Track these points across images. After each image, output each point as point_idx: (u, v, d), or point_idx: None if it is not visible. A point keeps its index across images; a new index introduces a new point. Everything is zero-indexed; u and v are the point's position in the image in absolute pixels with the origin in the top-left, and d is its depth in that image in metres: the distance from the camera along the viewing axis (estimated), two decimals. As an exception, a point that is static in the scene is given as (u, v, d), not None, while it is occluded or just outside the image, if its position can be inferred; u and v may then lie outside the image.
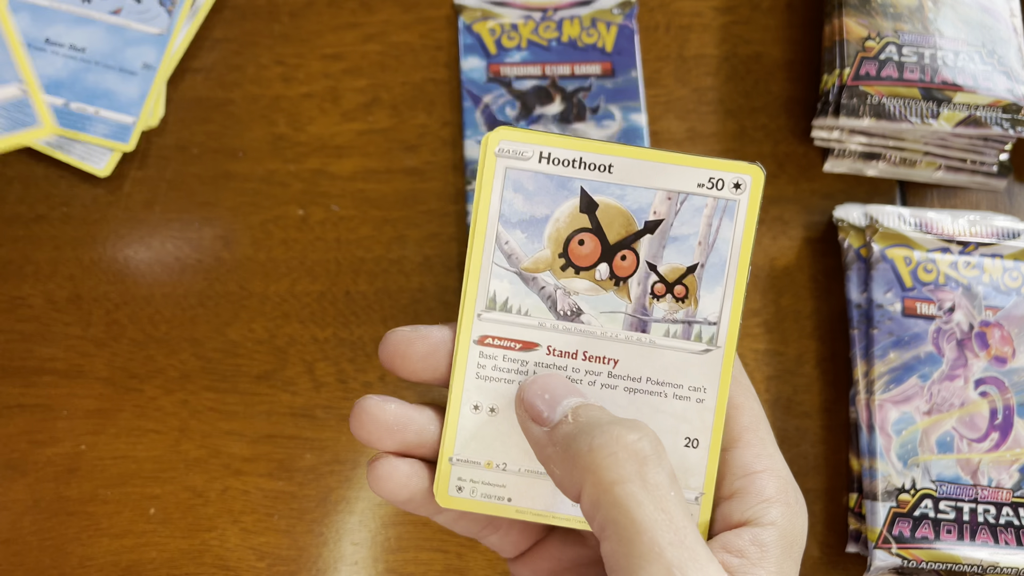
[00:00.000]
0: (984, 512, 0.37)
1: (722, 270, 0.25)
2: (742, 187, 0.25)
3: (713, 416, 0.25)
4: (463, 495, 0.26)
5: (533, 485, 0.26)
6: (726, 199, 0.25)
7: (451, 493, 0.26)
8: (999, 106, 0.41)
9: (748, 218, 0.25)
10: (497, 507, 0.26)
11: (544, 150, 0.25)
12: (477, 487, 0.26)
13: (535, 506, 0.26)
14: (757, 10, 0.47)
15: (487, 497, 0.26)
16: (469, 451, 0.26)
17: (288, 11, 0.47)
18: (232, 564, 0.39)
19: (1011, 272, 0.40)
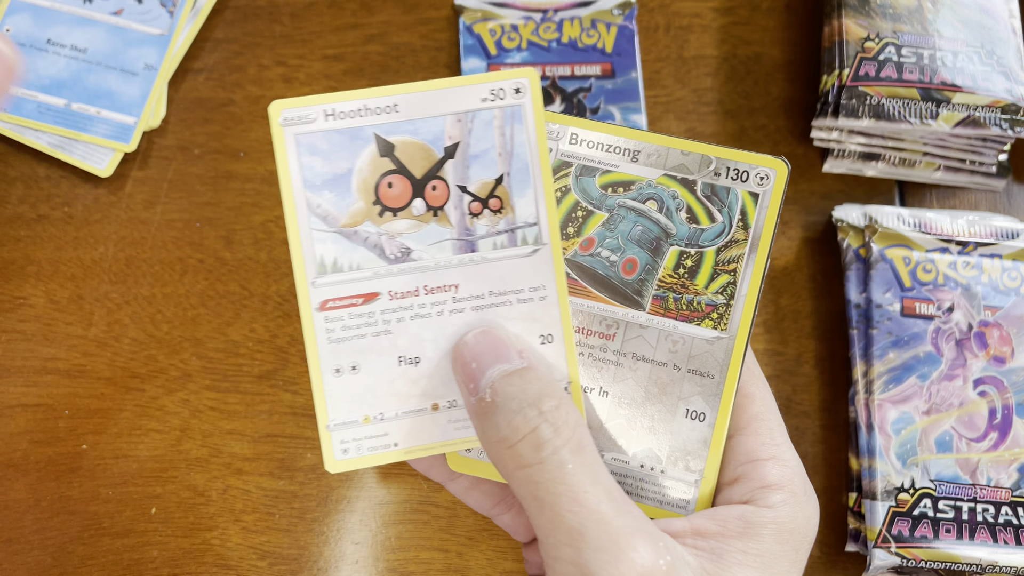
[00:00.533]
0: (983, 511, 0.37)
1: (527, 172, 0.25)
2: (522, 91, 0.25)
3: (559, 311, 0.25)
4: (350, 456, 0.26)
5: (415, 424, 0.26)
6: (511, 105, 0.25)
7: (338, 458, 0.26)
8: (998, 106, 0.41)
9: (536, 118, 0.25)
10: (385, 455, 0.26)
11: (327, 108, 0.25)
12: (362, 443, 0.26)
13: (422, 441, 0.26)
14: (756, 11, 0.48)
15: (373, 449, 0.26)
16: (343, 413, 0.26)
17: (289, 12, 0.47)
18: (233, 563, 0.39)
19: (1010, 272, 0.40)
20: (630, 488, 0.26)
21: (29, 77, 0.45)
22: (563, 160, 0.27)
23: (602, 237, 0.26)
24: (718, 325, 0.26)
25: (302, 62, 0.46)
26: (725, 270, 0.26)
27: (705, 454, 0.26)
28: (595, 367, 0.26)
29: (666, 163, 0.26)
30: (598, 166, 0.26)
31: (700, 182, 0.26)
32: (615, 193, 0.26)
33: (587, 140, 0.26)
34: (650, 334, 0.26)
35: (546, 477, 0.22)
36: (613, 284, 0.26)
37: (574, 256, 0.26)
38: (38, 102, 0.45)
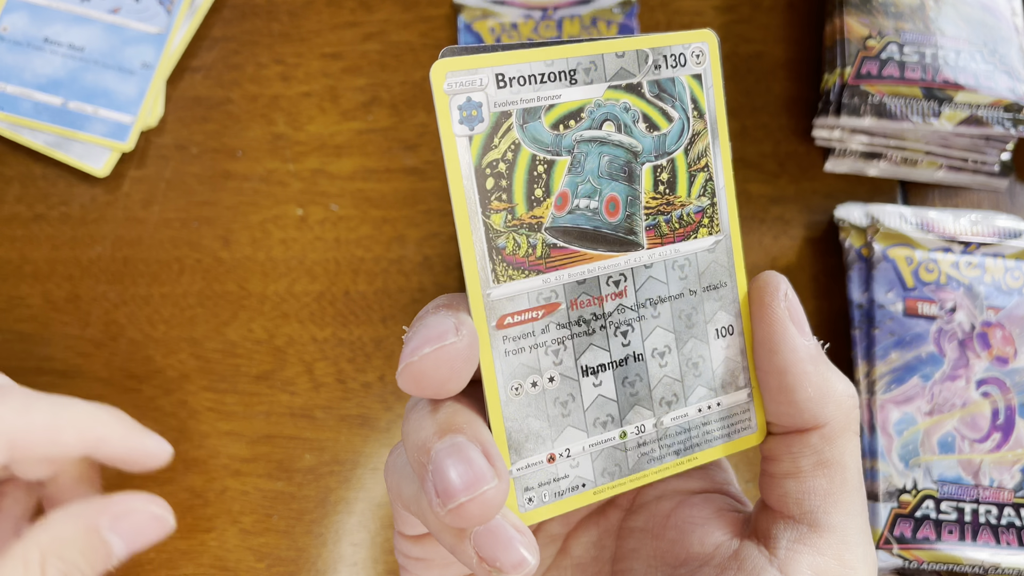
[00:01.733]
0: (986, 513, 0.37)
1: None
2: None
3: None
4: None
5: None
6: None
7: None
8: (1000, 105, 0.41)
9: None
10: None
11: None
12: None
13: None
14: (758, 9, 0.47)
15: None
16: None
17: (287, 10, 0.47)
18: (231, 565, 0.39)
19: (1013, 272, 0.40)
20: (697, 439, 0.24)
21: (26, 75, 0.45)
22: (500, 111, 0.22)
23: (573, 186, 0.23)
24: (711, 229, 0.24)
25: (300, 60, 0.46)
26: (699, 168, 0.23)
27: (746, 364, 0.24)
28: (620, 334, 0.23)
29: (605, 74, 0.23)
30: (539, 103, 0.23)
31: (645, 83, 0.23)
32: (567, 129, 0.23)
33: (516, 77, 0.22)
34: (657, 270, 0.23)
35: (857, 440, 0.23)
36: (603, 234, 0.23)
37: (552, 222, 0.22)
38: (35, 101, 0.44)
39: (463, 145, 0.22)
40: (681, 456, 0.24)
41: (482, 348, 0.22)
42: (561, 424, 0.23)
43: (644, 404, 0.23)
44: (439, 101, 0.21)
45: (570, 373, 0.23)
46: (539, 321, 0.22)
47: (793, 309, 0.23)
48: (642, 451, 0.23)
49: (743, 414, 0.24)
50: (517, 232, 0.22)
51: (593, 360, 0.23)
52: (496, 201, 0.22)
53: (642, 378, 0.23)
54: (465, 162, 0.22)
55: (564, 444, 0.23)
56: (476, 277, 0.22)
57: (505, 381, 0.22)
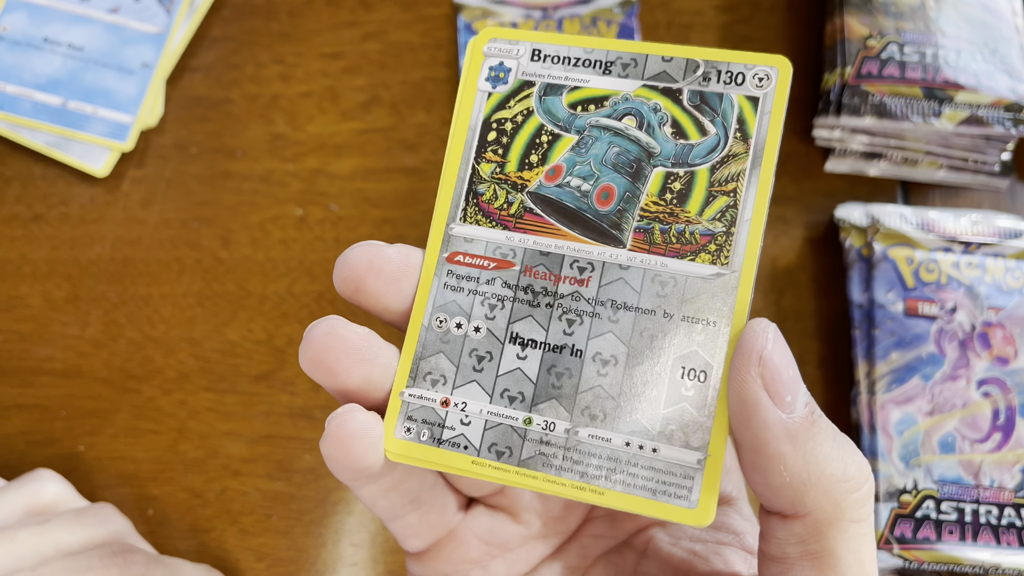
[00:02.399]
0: (986, 513, 0.37)
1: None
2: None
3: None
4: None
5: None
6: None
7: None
8: (1001, 105, 0.41)
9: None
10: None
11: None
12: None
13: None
14: (758, 9, 0.47)
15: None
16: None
17: (287, 10, 0.47)
18: (231, 565, 0.38)
19: (1013, 272, 0.40)
20: (611, 474, 0.21)
21: (25, 75, 0.45)
22: (524, 80, 0.22)
23: (571, 163, 0.22)
24: (717, 259, 0.21)
25: (300, 60, 0.46)
26: (722, 191, 0.21)
27: (710, 425, 0.20)
28: (565, 320, 0.21)
29: (644, 72, 0.22)
30: (564, 83, 0.22)
31: (686, 90, 0.22)
32: (585, 112, 0.22)
33: (551, 55, 0.22)
34: (633, 275, 0.21)
35: (869, 528, 0.19)
36: (585, 218, 0.22)
37: (538, 188, 0.22)
38: (34, 100, 0.44)
39: (480, 98, 0.23)
40: (585, 481, 0.21)
41: (425, 271, 0.22)
42: (468, 375, 0.22)
43: (564, 403, 0.21)
44: (472, 58, 0.22)
45: (498, 333, 0.22)
46: (487, 271, 0.22)
47: (770, 374, 0.19)
48: (542, 449, 0.21)
49: (683, 479, 0.20)
50: (499, 185, 0.22)
51: (526, 331, 0.22)
52: (491, 152, 0.22)
53: (572, 375, 0.21)
54: (476, 112, 0.22)
55: (463, 396, 0.22)
56: (446, 210, 0.22)
57: (434, 310, 0.22)
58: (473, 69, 0.23)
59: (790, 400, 0.19)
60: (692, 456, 0.20)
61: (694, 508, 0.20)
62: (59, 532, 0.31)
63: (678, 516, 0.20)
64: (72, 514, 0.32)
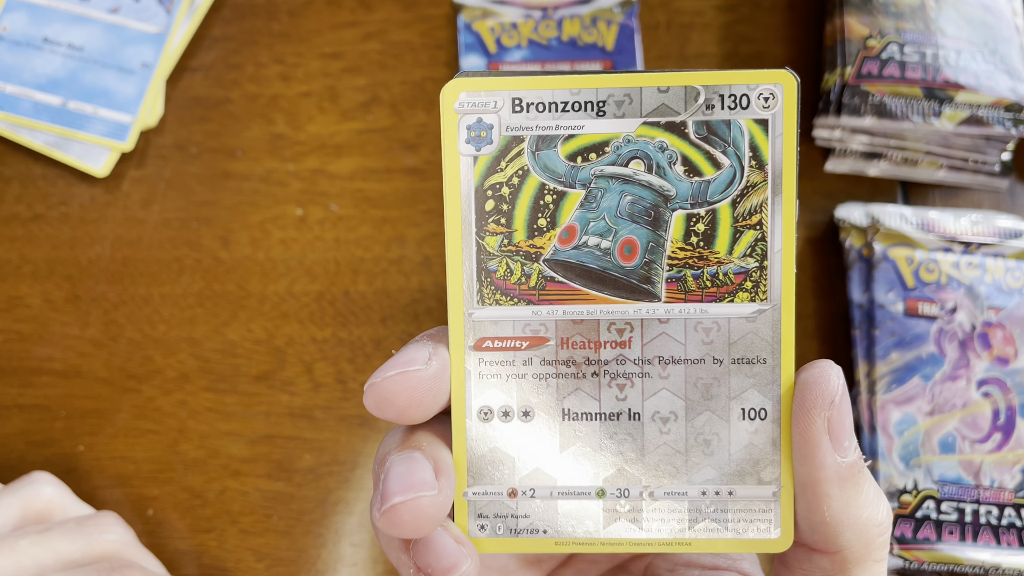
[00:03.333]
0: (986, 513, 0.37)
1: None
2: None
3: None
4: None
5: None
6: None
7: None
8: (1001, 105, 0.41)
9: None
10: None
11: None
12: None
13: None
14: (758, 9, 0.47)
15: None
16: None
17: (287, 10, 0.47)
18: (231, 565, 0.38)
19: (1013, 272, 0.40)
20: (698, 525, 0.21)
21: (25, 75, 0.45)
22: (511, 136, 0.21)
23: (584, 221, 0.21)
24: (755, 296, 0.21)
25: (300, 60, 0.46)
26: (748, 225, 0.21)
27: (778, 458, 0.21)
28: (615, 387, 0.21)
29: (642, 108, 0.20)
30: (557, 132, 0.21)
31: (691, 122, 0.21)
32: (587, 162, 0.21)
33: (535, 103, 0.20)
34: (674, 328, 0.21)
35: (884, 566, 0.21)
36: (612, 277, 0.21)
37: (554, 254, 0.21)
38: (34, 100, 0.44)
39: (466, 164, 0.21)
40: (670, 536, 0.21)
41: (455, 366, 0.21)
42: (530, 463, 0.21)
43: (633, 468, 0.21)
44: (446, 119, 0.20)
45: (549, 412, 0.21)
46: (522, 352, 0.21)
47: (836, 419, 0.20)
48: (621, 516, 0.21)
49: (762, 513, 0.21)
50: (511, 258, 0.21)
51: (578, 406, 0.21)
52: (493, 224, 0.21)
53: (635, 439, 0.21)
54: (466, 181, 0.21)
55: (530, 483, 0.21)
56: (460, 293, 0.21)
57: (475, 404, 0.21)
58: (450, 132, 0.20)
59: (847, 446, 0.20)
60: (767, 491, 0.21)
61: (777, 537, 0.21)
62: (59, 541, 0.31)
63: (763, 547, 0.21)
64: (73, 523, 0.32)
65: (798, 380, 0.20)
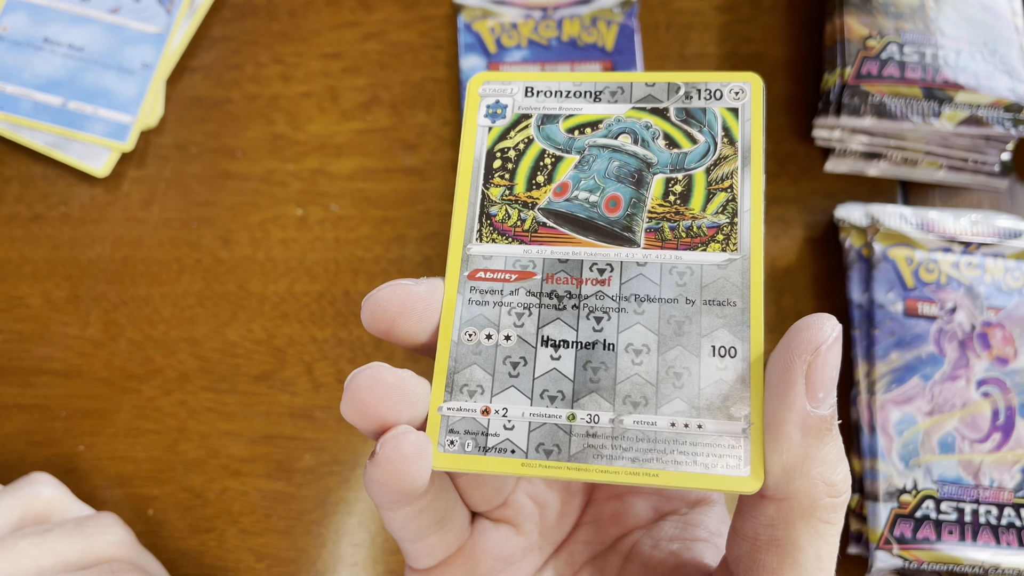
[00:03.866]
0: (986, 513, 0.37)
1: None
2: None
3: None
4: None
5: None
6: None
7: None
8: (1001, 105, 0.41)
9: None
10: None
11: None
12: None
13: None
14: (758, 9, 0.47)
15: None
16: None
17: (287, 10, 0.47)
18: (231, 565, 0.39)
19: (1013, 272, 0.40)
20: (662, 455, 0.21)
21: (25, 75, 0.45)
22: (521, 113, 0.24)
23: (576, 180, 0.24)
24: (726, 246, 0.23)
25: (300, 60, 0.46)
26: (720, 188, 0.23)
27: (747, 396, 0.21)
28: (593, 319, 0.23)
29: (632, 97, 0.24)
30: (559, 112, 0.24)
31: (672, 108, 0.24)
32: (583, 135, 0.24)
33: (543, 90, 0.25)
34: (651, 270, 0.23)
35: (834, 536, 0.21)
36: (598, 225, 0.23)
37: (548, 204, 0.24)
38: (34, 101, 0.44)
39: (482, 133, 0.24)
40: (637, 465, 0.21)
41: (448, 292, 0.23)
42: (506, 382, 0.22)
43: (604, 395, 0.22)
44: (470, 100, 0.24)
45: (529, 338, 0.23)
46: (510, 283, 0.23)
47: (816, 367, 0.20)
48: (590, 442, 0.22)
49: (731, 449, 0.21)
50: (511, 205, 0.24)
51: (556, 333, 0.23)
52: (498, 178, 0.24)
53: (608, 368, 0.22)
54: (480, 144, 0.24)
55: (503, 403, 0.22)
56: (461, 232, 0.24)
57: (461, 325, 0.23)
58: (471, 108, 0.24)
59: (821, 397, 0.20)
60: (736, 426, 0.21)
61: (747, 476, 0.21)
62: (59, 543, 0.31)
63: (734, 486, 0.21)
64: (73, 524, 0.32)
65: (793, 324, 0.21)
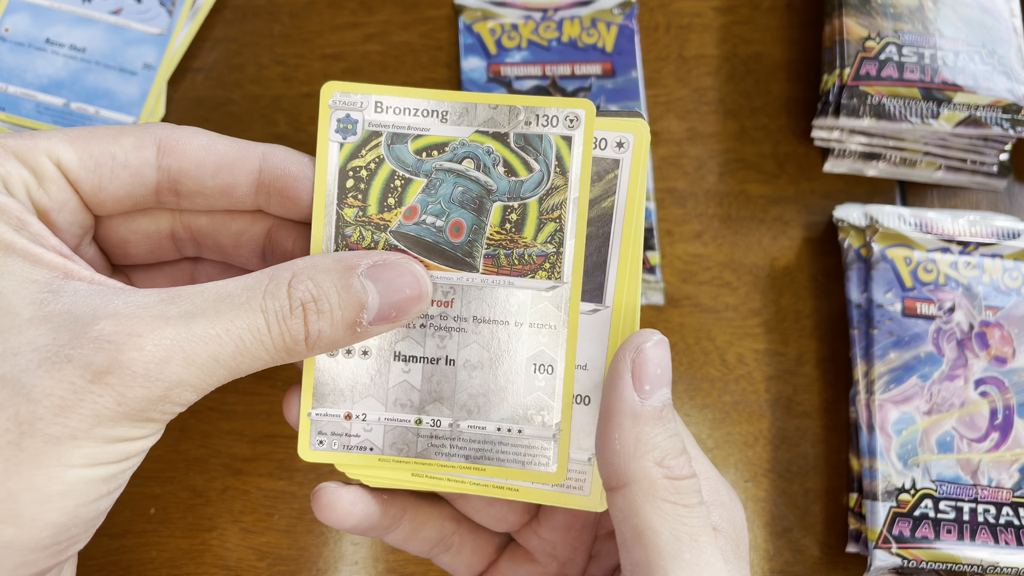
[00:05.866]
0: (984, 512, 0.37)
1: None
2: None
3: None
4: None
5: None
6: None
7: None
8: (999, 106, 0.41)
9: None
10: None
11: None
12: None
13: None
14: (757, 10, 0.47)
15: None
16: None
17: (288, 11, 0.47)
18: (232, 564, 0.39)
19: (1011, 272, 0.40)
20: (491, 454, 0.26)
21: (28, 76, 0.45)
22: (371, 131, 0.26)
23: (424, 204, 0.26)
24: (551, 274, 0.26)
25: (301, 61, 0.46)
26: (550, 218, 0.26)
27: (558, 406, 0.26)
28: (438, 337, 0.26)
29: (476, 120, 0.26)
30: (408, 131, 0.26)
31: (512, 134, 0.26)
32: (430, 157, 0.26)
33: (393, 107, 0.26)
34: (487, 294, 0.26)
35: (694, 518, 0.22)
36: (442, 249, 0.26)
37: (399, 227, 0.26)
38: (36, 102, 0.44)
39: (334, 149, 0.26)
40: (471, 462, 0.26)
41: None
42: (364, 391, 0.26)
43: (445, 403, 0.26)
44: (322, 112, 0.26)
45: (383, 354, 0.26)
46: None
47: (641, 364, 0.23)
48: (433, 442, 0.26)
49: (543, 449, 0.26)
50: (364, 227, 0.26)
51: (407, 350, 0.26)
52: (352, 198, 0.26)
53: (448, 381, 0.26)
54: (332, 162, 0.26)
55: (362, 408, 0.26)
56: (319, 251, 0.26)
57: None
58: (323, 122, 0.26)
59: (648, 389, 0.23)
60: (548, 432, 0.26)
61: (553, 472, 0.26)
62: None
63: (543, 478, 0.26)
64: None
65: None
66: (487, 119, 0.26)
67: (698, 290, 0.43)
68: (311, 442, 0.26)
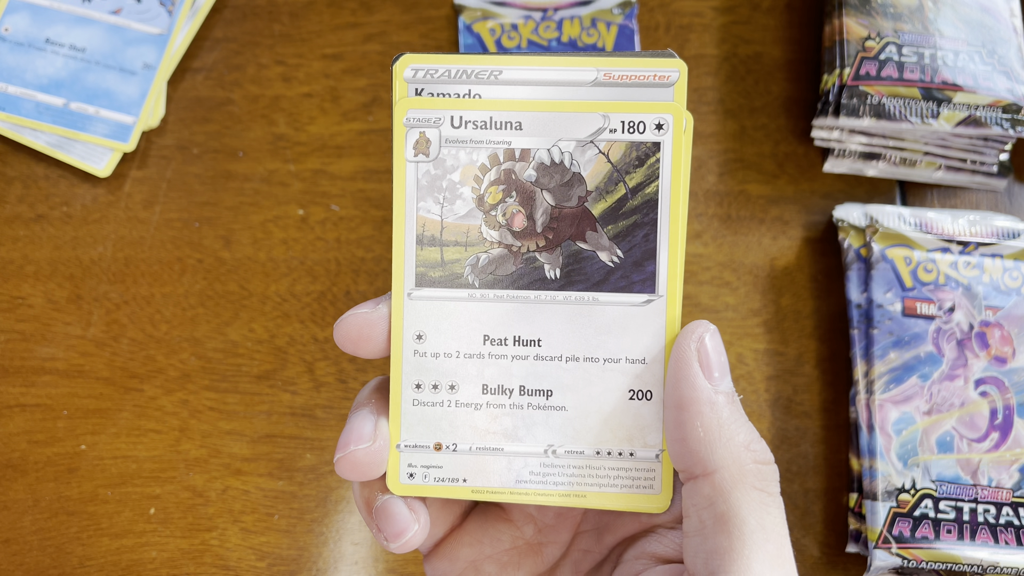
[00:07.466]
0: (984, 512, 0.37)
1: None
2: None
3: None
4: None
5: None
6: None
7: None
8: (999, 106, 0.41)
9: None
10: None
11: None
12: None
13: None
14: (757, 10, 0.47)
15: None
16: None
17: (288, 11, 0.47)
18: (232, 564, 0.39)
19: (1011, 272, 0.40)
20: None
21: (27, 76, 0.45)
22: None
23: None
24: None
25: (301, 61, 0.46)
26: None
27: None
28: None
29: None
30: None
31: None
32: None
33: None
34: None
35: (776, 508, 0.22)
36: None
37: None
38: (36, 101, 0.44)
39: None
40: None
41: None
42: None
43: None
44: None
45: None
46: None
47: (705, 353, 0.23)
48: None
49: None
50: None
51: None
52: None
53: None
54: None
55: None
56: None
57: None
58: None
59: (717, 376, 0.23)
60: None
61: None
62: None
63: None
64: None
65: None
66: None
67: (698, 290, 0.43)
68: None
